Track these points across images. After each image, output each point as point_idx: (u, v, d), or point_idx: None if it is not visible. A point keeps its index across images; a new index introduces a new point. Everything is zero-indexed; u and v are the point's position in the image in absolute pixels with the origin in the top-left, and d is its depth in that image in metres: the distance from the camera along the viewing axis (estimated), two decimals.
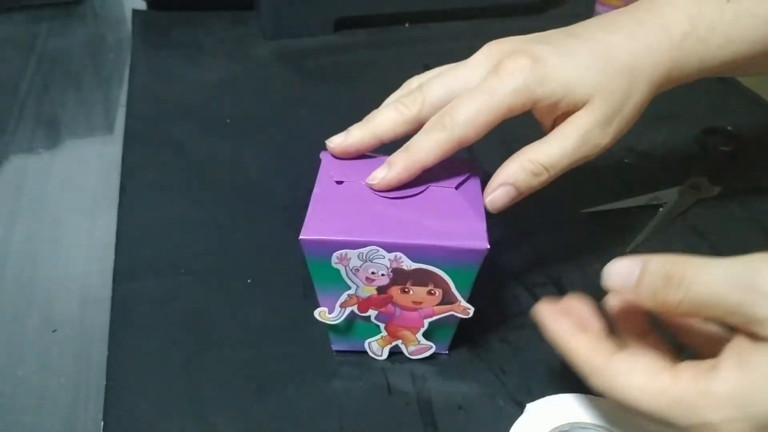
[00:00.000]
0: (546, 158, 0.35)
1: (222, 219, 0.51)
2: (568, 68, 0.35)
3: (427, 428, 0.37)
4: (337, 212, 0.36)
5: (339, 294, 0.36)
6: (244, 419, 0.37)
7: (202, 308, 0.44)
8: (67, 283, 0.50)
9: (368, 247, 0.34)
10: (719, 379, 0.26)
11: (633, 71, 0.36)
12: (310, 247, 0.34)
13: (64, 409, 0.41)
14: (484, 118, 0.35)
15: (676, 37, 0.36)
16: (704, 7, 0.36)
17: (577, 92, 0.35)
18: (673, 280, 0.28)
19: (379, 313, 0.37)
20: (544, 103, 0.35)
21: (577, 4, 0.85)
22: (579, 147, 0.35)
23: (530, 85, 0.35)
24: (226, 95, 0.67)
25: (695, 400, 0.27)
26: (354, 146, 0.39)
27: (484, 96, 0.35)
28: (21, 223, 0.55)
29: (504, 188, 0.35)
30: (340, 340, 0.40)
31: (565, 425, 0.35)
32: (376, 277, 0.35)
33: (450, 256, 0.34)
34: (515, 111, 0.36)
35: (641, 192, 0.53)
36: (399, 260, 0.34)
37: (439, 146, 0.36)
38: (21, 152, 0.64)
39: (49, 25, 0.85)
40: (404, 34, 0.80)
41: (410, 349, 0.39)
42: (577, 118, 0.36)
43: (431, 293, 0.36)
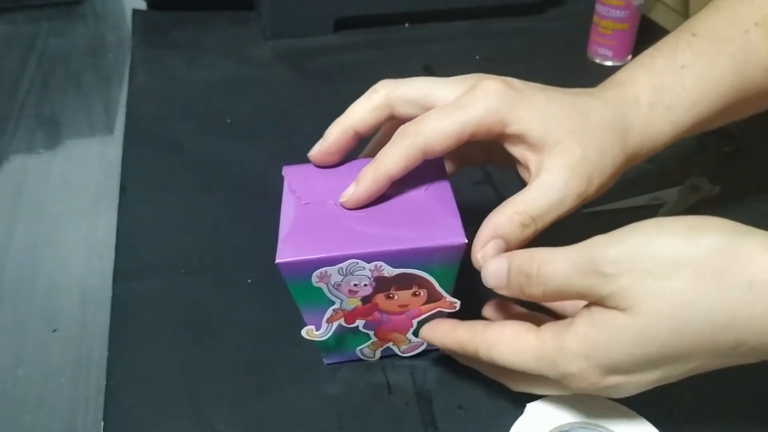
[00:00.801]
0: (531, 208, 0.34)
1: (222, 219, 0.51)
2: (543, 105, 0.35)
3: (427, 428, 0.37)
4: (309, 232, 0.35)
5: (324, 310, 0.36)
6: (244, 419, 0.37)
7: (202, 308, 0.44)
8: (67, 283, 0.50)
9: (347, 261, 0.33)
10: (572, 334, 0.31)
11: (606, 130, 0.36)
12: (288, 269, 0.34)
13: (64, 409, 0.41)
14: (450, 129, 0.35)
15: (644, 107, 0.37)
16: (664, 78, 0.38)
17: (550, 128, 0.35)
18: (531, 278, 0.32)
19: (367, 321, 0.37)
20: (512, 129, 0.35)
21: (577, 4, 0.85)
22: (563, 196, 0.35)
23: (503, 108, 0.35)
24: (226, 95, 0.67)
25: (555, 355, 0.31)
26: (333, 146, 0.38)
27: (454, 109, 0.35)
28: (21, 223, 0.55)
29: (494, 242, 0.34)
30: (331, 353, 0.40)
31: (564, 425, 0.35)
32: (359, 288, 0.35)
33: (430, 256, 0.34)
34: (482, 131, 0.35)
35: (641, 192, 0.53)
36: (380, 269, 0.34)
37: (404, 156, 0.35)
38: (21, 152, 0.64)
39: (49, 25, 0.85)
40: (404, 34, 0.80)
41: (402, 348, 0.39)
42: (555, 162, 0.35)
43: (416, 294, 0.36)
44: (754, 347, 0.28)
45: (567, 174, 0.34)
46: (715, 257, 0.28)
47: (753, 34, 0.38)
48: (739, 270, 0.28)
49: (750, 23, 0.38)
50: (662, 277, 0.28)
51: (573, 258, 0.30)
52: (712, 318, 0.28)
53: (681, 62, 0.38)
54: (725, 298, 0.28)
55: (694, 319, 0.28)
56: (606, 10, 0.69)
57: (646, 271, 0.29)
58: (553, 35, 0.79)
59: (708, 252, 0.28)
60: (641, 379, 0.31)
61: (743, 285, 0.27)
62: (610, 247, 0.30)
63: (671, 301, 0.28)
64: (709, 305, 0.28)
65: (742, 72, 0.38)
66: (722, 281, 0.28)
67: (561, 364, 0.31)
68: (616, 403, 0.35)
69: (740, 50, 0.38)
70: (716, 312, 0.28)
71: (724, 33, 0.38)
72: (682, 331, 0.28)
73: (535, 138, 0.35)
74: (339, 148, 0.39)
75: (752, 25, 0.38)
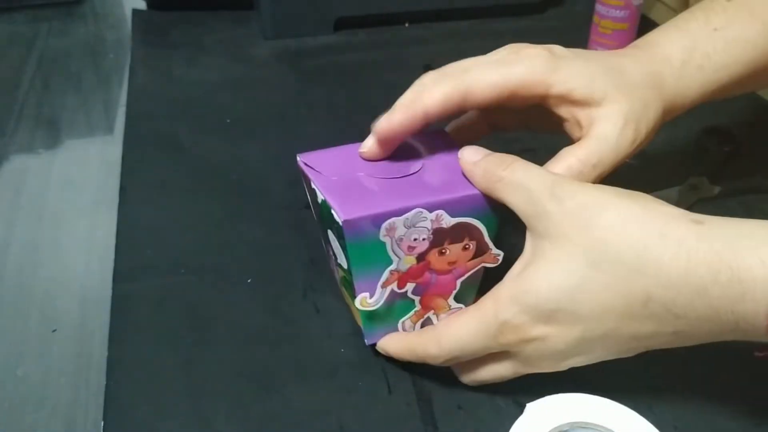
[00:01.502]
0: (591, 154, 0.36)
1: (222, 219, 0.51)
2: (583, 67, 0.37)
3: (427, 428, 0.37)
4: (361, 194, 0.36)
5: (379, 273, 0.36)
6: (244, 419, 0.37)
7: (202, 308, 0.44)
8: (67, 283, 0.50)
9: (413, 211, 0.34)
10: (503, 286, 0.34)
11: (644, 85, 0.38)
12: (354, 227, 0.34)
13: (64, 409, 0.41)
14: (495, 82, 0.36)
15: (676, 65, 0.39)
16: (696, 38, 0.39)
17: (594, 85, 0.36)
18: (504, 162, 0.35)
19: (417, 285, 0.37)
20: (556, 90, 0.36)
21: (577, 4, 0.85)
22: (618, 141, 0.36)
23: (546, 70, 0.36)
24: (226, 95, 0.67)
25: (491, 309, 0.34)
26: (400, 128, 0.37)
27: (500, 64, 0.36)
28: (21, 223, 0.55)
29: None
30: (374, 329, 0.39)
31: (564, 425, 0.35)
32: (417, 243, 0.36)
33: (483, 202, 0.36)
34: (524, 91, 0.36)
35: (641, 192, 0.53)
36: (440, 218, 0.35)
37: (444, 94, 0.36)
38: (21, 152, 0.64)
39: (49, 25, 0.85)
40: (404, 34, 0.80)
41: (441, 317, 0.39)
42: (607, 112, 0.36)
43: (466, 248, 0.37)
44: (663, 304, 0.30)
45: (621, 122, 0.36)
46: (638, 209, 0.31)
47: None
48: (657, 222, 0.30)
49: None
50: (591, 216, 0.31)
51: (548, 176, 0.34)
52: (625, 257, 0.30)
53: (714, 25, 0.39)
54: (639, 242, 0.30)
55: (609, 256, 0.30)
56: (606, 10, 0.69)
57: (578, 207, 0.32)
58: (553, 35, 0.78)
59: (636, 205, 0.31)
60: (563, 334, 0.32)
61: (657, 235, 0.30)
62: (564, 183, 0.33)
63: (591, 235, 0.31)
64: (625, 246, 0.30)
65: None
66: (640, 227, 0.30)
67: (497, 315, 0.33)
68: (616, 404, 0.35)
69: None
70: (630, 253, 0.30)
71: (757, 0, 0.40)
72: (597, 265, 0.30)
73: (582, 95, 0.36)
74: (406, 130, 0.37)
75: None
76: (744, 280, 0.27)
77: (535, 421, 0.35)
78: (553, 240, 0.32)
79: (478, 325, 0.34)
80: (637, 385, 0.39)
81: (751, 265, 0.27)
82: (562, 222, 0.32)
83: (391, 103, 0.44)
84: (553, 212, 0.32)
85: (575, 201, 0.32)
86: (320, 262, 0.47)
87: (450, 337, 0.35)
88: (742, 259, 0.28)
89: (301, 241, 0.49)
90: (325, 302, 0.44)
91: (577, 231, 0.31)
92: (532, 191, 0.33)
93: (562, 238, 0.32)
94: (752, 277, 0.27)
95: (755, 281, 0.27)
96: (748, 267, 0.27)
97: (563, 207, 0.32)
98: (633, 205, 0.31)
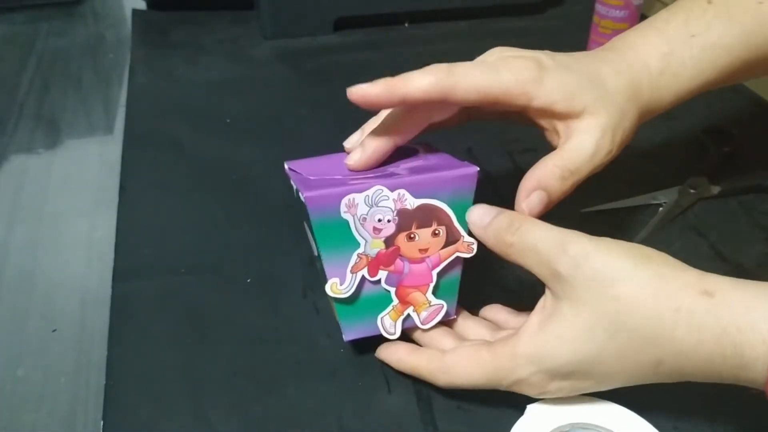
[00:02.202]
0: (569, 163, 0.37)
1: (222, 219, 0.51)
2: (566, 78, 0.37)
3: (427, 428, 0.37)
4: (331, 182, 0.37)
5: (347, 257, 0.37)
6: (244, 419, 0.37)
7: (202, 308, 0.44)
8: (67, 283, 0.50)
9: (373, 188, 0.36)
10: (522, 342, 0.34)
11: (622, 95, 0.38)
12: (317, 203, 0.35)
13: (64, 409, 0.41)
14: (481, 84, 0.36)
15: (654, 73, 0.39)
16: (674, 45, 0.40)
17: (575, 99, 0.37)
18: (513, 226, 0.35)
19: (389, 273, 0.38)
20: (537, 103, 0.37)
21: (576, 4, 0.85)
22: (595, 152, 0.37)
23: (531, 82, 0.37)
24: (226, 95, 0.67)
25: (507, 364, 0.34)
26: (375, 100, 0.36)
27: (489, 69, 0.37)
28: (21, 223, 0.55)
29: (537, 193, 0.37)
30: (351, 322, 0.39)
31: (565, 426, 0.35)
32: (383, 225, 0.37)
33: (447, 184, 0.37)
34: (508, 99, 0.37)
35: (641, 192, 0.53)
36: (402, 199, 0.36)
37: (429, 83, 0.35)
38: (21, 152, 0.64)
39: (49, 25, 0.85)
40: (404, 34, 0.80)
41: (423, 316, 0.39)
42: (585, 125, 0.37)
43: (435, 233, 0.37)
44: (672, 368, 0.31)
45: (598, 134, 0.37)
46: (656, 280, 0.31)
47: (766, 5, 0.39)
48: (672, 296, 0.31)
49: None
50: (608, 285, 0.32)
51: (553, 232, 0.34)
52: (641, 330, 0.31)
53: (693, 30, 0.40)
54: (654, 316, 0.31)
55: (626, 327, 0.31)
56: (606, 10, 0.69)
57: (592, 274, 0.32)
58: (553, 35, 0.79)
59: (650, 275, 0.31)
60: (575, 387, 0.34)
61: (671, 309, 0.31)
62: (574, 242, 0.33)
63: (608, 305, 0.32)
64: (641, 318, 0.31)
65: (752, 43, 0.40)
66: (656, 301, 0.31)
67: (514, 371, 0.34)
68: (616, 405, 0.35)
69: (753, 21, 0.40)
70: (645, 326, 0.31)
71: (738, 3, 0.40)
72: (615, 335, 0.32)
73: (562, 108, 0.37)
74: (381, 104, 0.37)
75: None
76: (746, 356, 0.29)
77: (536, 422, 0.35)
78: (572, 303, 0.33)
79: (492, 374, 0.35)
80: (637, 386, 0.39)
81: (753, 342, 0.29)
82: (579, 288, 0.32)
83: None
84: (567, 276, 0.33)
85: (588, 267, 0.32)
86: None
87: (460, 375, 0.36)
88: (745, 336, 0.29)
89: (301, 241, 0.49)
90: (325, 302, 0.44)
91: (595, 299, 0.32)
92: (543, 255, 0.34)
93: (580, 303, 0.32)
94: (754, 356, 0.29)
95: (756, 359, 0.29)
96: (751, 344, 0.29)
97: (577, 273, 0.32)
98: (647, 274, 0.32)
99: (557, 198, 0.38)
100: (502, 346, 0.35)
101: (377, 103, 0.36)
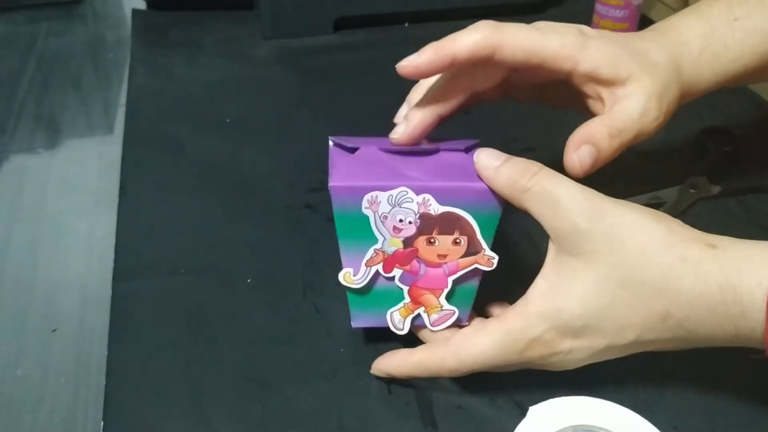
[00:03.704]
0: (617, 122, 0.37)
1: (222, 219, 0.51)
2: (610, 48, 0.38)
3: (427, 428, 0.37)
4: (361, 167, 0.36)
5: (364, 250, 0.36)
6: (244, 419, 0.37)
7: (202, 308, 0.44)
8: (67, 283, 0.50)
9: (398, 188, 0.35)
10: (531, 302, 0.34)
11: (665, 68, 0.38)
12: (340, 194, 0.35)
13: (64, 409, 0.41)
14: (527, 44, 0.36)
15: (694, 52, 0.39)
16: (715, 26, 0.40)
17: (620, 65, 0.37)
18: (530, 170, 0.34)
19: (404, 272, 0.37)
20: (583, 67, 0.37)
21: (576, 4, 0.85)
22: (642, 114, 0.37)
23: (576, 47, 0.37)
24: (226, 95, 0.67)
25: (519, 325, 0.34)
26: (426, 65, 0.36)
27: (536, 30, 0.37)
28: (21, 223, 0.55)
29: (587, 146, 0.37)
30: (361, 312, 0.39)
31: (567, 428, 0.35)
32: (403, 225, 0.36)
33: (476, 197, 0.36)
34: (553, 63, 0.37)
35: (641, 191, 0.53)
36: (427, 203, 0.35)
37: (476, 41, 0.36)
38: (21, 152, 0.64)
39: (49, 25, 0.85)
40: (404, 34, 0.80)
41: (433, 318, 0.39)
42: (631, 90, 0.37)
43: (456, 242, 0.37)
44: (678, 320, 0.32)
45: (644, 98, 0.37)
46: (667, 235, 0.32)
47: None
48: (680, 247, 0.32)
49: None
50: (626, 238, 0.32)
51: (571, 186, 0.34)
52: (651, 280, 0.32)
53: (735, 14, 0.40)
54: (665, 266, 0.32)
55: (637, 277, 0.32)
56: (606, 10, 0.69)
57: (611, 228, 0.32)
58: None
59: (662, 229, 0.33)
60: (589, 346, 0.34)
61: (680, 259, 0.32)
62: (595, 196, 0.34)
63: (622, 257, 0.32)
64: (651, 268, 0.32)
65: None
66: (666, 252, 0.32)
67: (527, 331, 0.34)
68: (617, 406, 0.35)
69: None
70: (655, 276, 0.32)
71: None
72: (627, 285, 0.32)
73: (608, 74, 0.37)
74: (432, 69, 0.36)
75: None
76: (744, 302, 0.30)
77: (538, 423, 0.35)
78: (584, 258, 0.33)
79: (504, 340, 0.34)
80: (637, 386, 0.39)
81: (751, 287, 0.30)
82: (596, 241, 0.33)
83: (392, 103, 0.44)
84: (586, 230, 0.33)
85: (608, 221, 0.33)
86: (320, 262, 0.47)
87: (470, 351, 0.35)
88: (745, 281, 0.30)
89: (301, 241, 0.49)
90: (325, 302, 0.44)
91: (610, 251, 0.32)
92: (562, 205, 0.33)
93: (594, 257, 0.33)
94: (752, 299, 0.30)
95: (753, 302, 0.30)
96: (749, 289, 0.30)
97: (596, 226, 0.33)
98: (660, 228, 0.33)
99: (605, 156, 0.37)
100: (510, 312, 0.35)
101: (427, 69, 0.36)
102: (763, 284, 0.30)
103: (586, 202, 0.33)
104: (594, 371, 0.36)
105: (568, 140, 0.37)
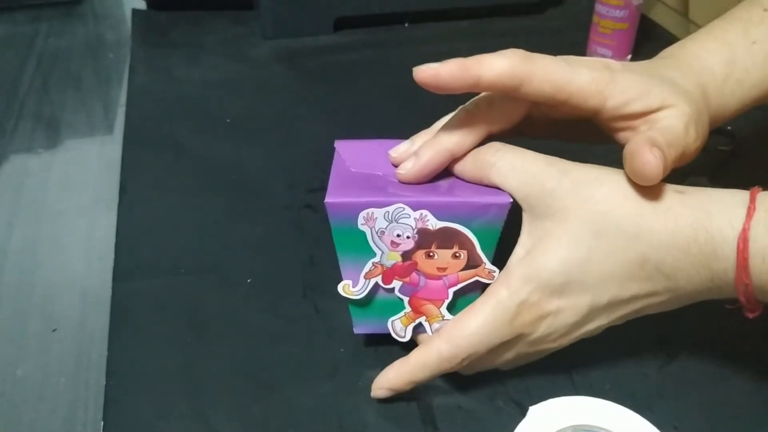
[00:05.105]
0: (666, 137, 0.34)
1: (222, 219, 0.51)
2: (637, 78, 0.36)
3: (427, 428, 0.37)
4: (358, 184, 0.36)
5: (363, 263, 0.36)
6: (244, 419, 0.37)
7: (202, 308, 0.44)
8: (67, 283, 0.50)
9: (394, 205, 0.35)
10: (511, 270, 0.35)
11: (695, 96, 0.37)
12: (336, 210, 0.35)
13: (64, 409, 0.41)
14: (556, 78, 0.34)
15: (719, 79, 0.38)
16: (735, 51, 0.39)
17: (650, 96, 0.35)
18: (494, 147, 0.36)
19: (404, 284, 0.37)
20: (613, 102, 0.35)
21: (576, 4, 0.85)
22: (686, 131, 0.35)
23: (605, 82, 0.35)
24: (226, 95, 0.67)
25: (504, 292, 0.34)
26: (447, 77, 0.34)
27: (565, 62, 0.35)
28: (21, 223, 0.55)
29: (657, 150, 0.33)
30: (362, 320, 0.39)
31: (567, 428, 0.35)
32: (401, 240, 0.36)
33: (475, 212, 0.35)
34: (580, 100, 0.35)
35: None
36: (424, 219, 0.35)
37: (505, 67, 0.34)
38: (21, 152, 0.64)
39: (49, 25, 0.85)
40: (404, 34, 0.80)
41: (434, 327, 0.39)
42: (666, 114, 0.35)
43: (456, 256, 0.36)
44: (656, 265, 0.33)
45: (684, 119, 0.35)
46: (630, 182, 0.33)
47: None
48: (649, 194, 0.33)
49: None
50: (594, 188, 0.33)
51: (533, 156, 0.35)
52: (624, 227, 0.33)
53: (753, 38, 0.39)
54: (635, 213, 0.33)
55: (609, 226, 0.33)
56: (606, 10, 0.69)
57: (577, 182, 0.33)
58: (553, 35, 0.79)
59: (628, 179, 0.33)
60: (575, 305, 0.34)
61: (649, 205, 0.33)
62: (558, 160, 0.35)
63: (592, 209, 0.33)
64: (622, 215, 0.33)
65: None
66: (635, 199, 0.33)
67: (512, 297, 0.34)
68: (617, 406, 0.35)
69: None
70: (627, 222, 0.33)
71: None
72: (600, 235, 0.33)
73: (638, 108, 0.35)
74: (452, 84, 0.34)
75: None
76: (716, 240, 0.31)
77: (538, 424, 0.35)
78: (556, 217, 0.34)
79: (493, 311, 0.34)
80: (637, 386, 0.39)
81: (721, 226, 0.31)
82: (564, 198, 0.33)
83: (392, 103, 0.44)
84: (553, 189, 0.34)
85: (573, 177, 0.34)
86: (320, 262, 0.47)
87: (464, 332, 0.35)
88: (715, 221, 0.32)
89: (301, 241, 0.49)
90: (325, 302, 0.44)
91: (579, 205, 0.33)
92: (528, 172, 0.34)
93: (564, 214, 0.33)
94: (722, 237, 0.31)
95: (725, 241, 0.31)
96: (719, 228, 0.31)
97: (562, 184, 0.34)
98: (626, 179, 0.34)
99: (668, 165, 0.34)
100: (494, 285, 0.35)
101: (447, 82, 0.34)
102: (734, 224, 0.31)
103: (549, 165, 0.34)
104: (594, 371, 0.36)
105: (630, 148, 0.34)
